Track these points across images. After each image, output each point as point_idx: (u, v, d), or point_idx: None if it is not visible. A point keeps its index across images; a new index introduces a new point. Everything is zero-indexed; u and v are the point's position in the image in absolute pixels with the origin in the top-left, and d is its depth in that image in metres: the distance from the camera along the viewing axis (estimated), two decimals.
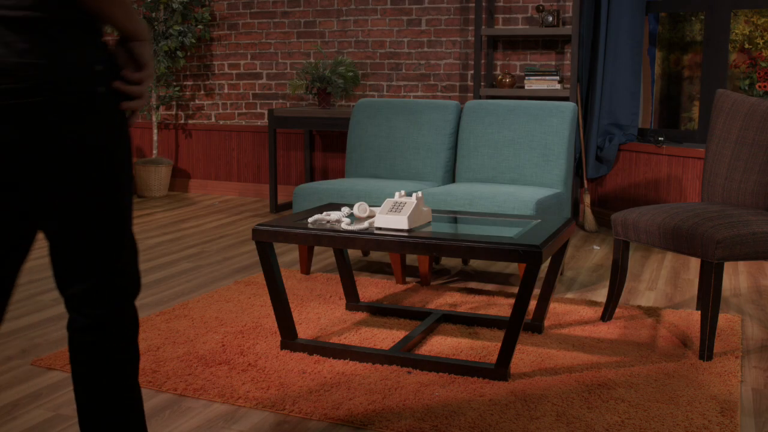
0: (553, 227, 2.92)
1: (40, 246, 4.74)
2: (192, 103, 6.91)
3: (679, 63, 6.77)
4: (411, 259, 4.48)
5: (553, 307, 3.51)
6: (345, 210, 3.16)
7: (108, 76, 1.49)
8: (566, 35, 5.63)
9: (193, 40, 6.53)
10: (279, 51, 6.47)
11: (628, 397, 2.53)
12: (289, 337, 2.93)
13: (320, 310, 3.44)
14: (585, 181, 5.46)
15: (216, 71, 6.75)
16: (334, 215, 3.01)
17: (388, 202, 2.88)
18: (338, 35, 6.27)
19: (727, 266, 4.36)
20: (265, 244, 2.87)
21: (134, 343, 1.66)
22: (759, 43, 6.49)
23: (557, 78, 5.44)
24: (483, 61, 5.85)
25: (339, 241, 2.81)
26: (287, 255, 4.58)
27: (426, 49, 6.04)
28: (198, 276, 4.05)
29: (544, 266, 4.42)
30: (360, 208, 3.03)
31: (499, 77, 5.56)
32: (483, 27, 5.66)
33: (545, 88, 5.47)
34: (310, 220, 2.98)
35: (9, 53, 1.37)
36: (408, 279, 4.01)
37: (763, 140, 3.21)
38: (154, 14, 6.46)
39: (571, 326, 3.25)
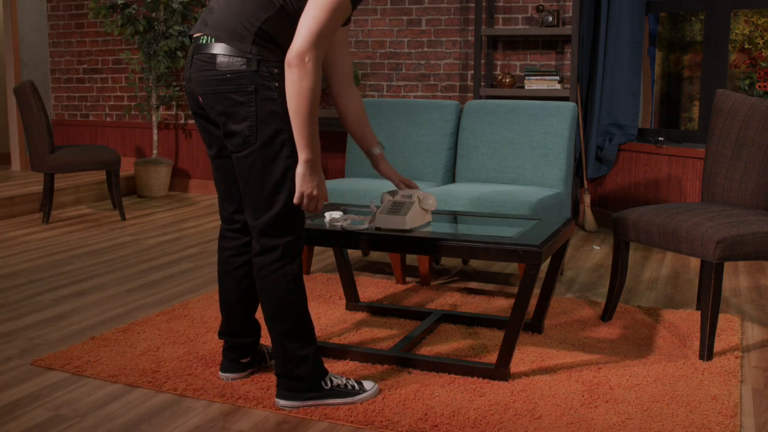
0: (553, 227, 2.92)
1: (38, 248, 4.74)
2: None
3: (679, 63, 6.77)
4: (411, 259, 4.48)
5: (553, 307, 3.51)
6: (340, 215, 3.15)
7: None
8: (566, 35, 5.63)
9: None
10: None
11: (628, 397, 2.53)
12: None
13: (320, 310, 3.44)
14: (585, 181, 5.46)
15: None
16: (336, 215, 3.00)
17: (388, 202, 2.88)
18: None
19: (727, 266, 4.36)
20: None
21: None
22: (759, 43, 6.49)
23: (557, 78, 5.44)
24: (483, 61, 5.85)
25: (339, 240, 2.81)
26: None
27: (426, 49, 6.04)
28: (198, 276, 4.05)
29: (544, 266, 4.42)
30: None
31: (499, 77, 5.56)
32: (483, 27, 5.66)
33: (545, 88, 5.47)
34: (328, 215, 2.96)
35: None
36: (408, 279, 4.01)
37: (763, 140, 3.21)
38: (154, 14, 6.47)
39: (571, 326, 3.25)
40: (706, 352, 2.85)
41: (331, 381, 2.46)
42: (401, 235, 2.72)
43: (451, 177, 4.44)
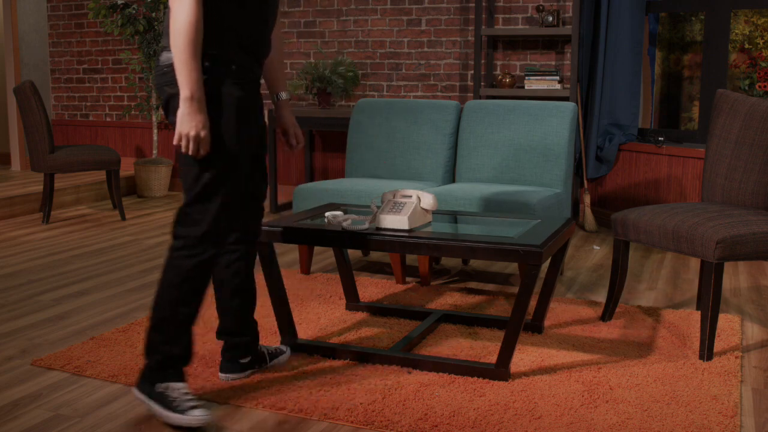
0: (553, 227, 2.92)
1: (38, 247, 4.74)
2: None
3: (679, 63, 6.77)
4: (411, 259, 4.48)
5: (553, 307, 3.51)
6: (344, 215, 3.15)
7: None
8: (566, 35, 5.63)
9: None
10: None
11: (628, 397, 2.53)
12: (289, 338, 2.93)
13: (320, 310, 3.44)
14: (585, 181, 5.46)
15: None
16: (337, 215, 3.00)
17: (388, 202, 2.88)
18: (338, 35, 6.27)
19: (727, 266, 4.36)
20: (265, 244, 2.87)
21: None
22: (759, 43, 6.49)
23: (557, 78, 5.44)
24: (483, 61, 5.85)
25: (339, 240, 2.81)
26: (287, 255, 4.58)
27: (426, 49, 6.04)
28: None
29: (544, 266, 4.42)
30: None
31: (499, 77, 5.56)
32: (483, 27, 5.67)
33: (545, 88, 5.47)
34: (328, 214, 2.95)
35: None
36: (408, 279, 4.01)
37: (763, 140, 3.21)
38: (154, 14, 6.46)
39: (571, 326, 3.25)
40: (706, 352, 2.85)
41: (168, 387, 2.34)
42: (401, 235, 2.72)
43: (451, 177, 4.44)
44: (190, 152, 2.23)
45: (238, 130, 2.32)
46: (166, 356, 2.35)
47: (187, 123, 2.21)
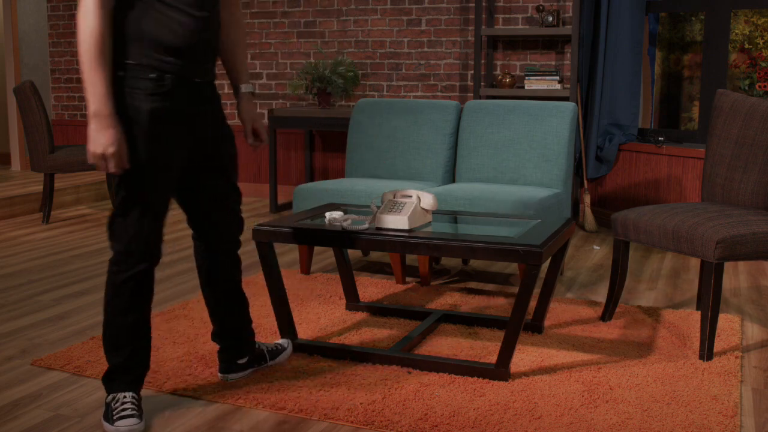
0: (553, 227, 2.92)
1: (38, 247, 4.74)
2: None
3: (679, 63, 6.77)
4: (411, 259, 4.48)
5: (553, 307, 3.51)
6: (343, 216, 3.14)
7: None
8: (566, 35, 5.63)
9: None
10: (279, 51, 6.48)
11: (628, 397, 2.53)
12: (289, 338, 2.93)
13: (320, 310, 3.44)
14: (585, 181, 5.46)
15: (215, 71, 6.74)
16: (337, 215, 3.00)
17: (388, 202, 2.88)
18: (338, 35, 6.27)
19: (727, 266, 4.36)
20: (265, 244, 2.87)
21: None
22: (759, 43, 6.49)
23: (557, 78, 5.44)
24: (483, 61, 5.85)
25: (339, 240, 2.81)
26: (287, 255, 4.58)
27: (426, 49, 6.04)
28: (198, 276, 4.05)
29: (544, 266, 4.42)
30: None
31: (499, 77, 5.56)
32: (483, 27, 5.66)
33: (545, 88, 5.47)
34: (328, 214, 2.94)
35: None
36: (408, 279, 4.01)
37: (763, 140, 3.21)
38: None
39: (571, 326, 3.25)
40: (706, 352, 2.85)
41: (114, 398, 2.32)
42: (401, 235, 2.72)
43: (451, 177, 4.43)
44: (102, 170, 2.15)
45: (148, 145, 2.20)
46: (111, 366, 2.34)
47: (95, 140, 2.11)
